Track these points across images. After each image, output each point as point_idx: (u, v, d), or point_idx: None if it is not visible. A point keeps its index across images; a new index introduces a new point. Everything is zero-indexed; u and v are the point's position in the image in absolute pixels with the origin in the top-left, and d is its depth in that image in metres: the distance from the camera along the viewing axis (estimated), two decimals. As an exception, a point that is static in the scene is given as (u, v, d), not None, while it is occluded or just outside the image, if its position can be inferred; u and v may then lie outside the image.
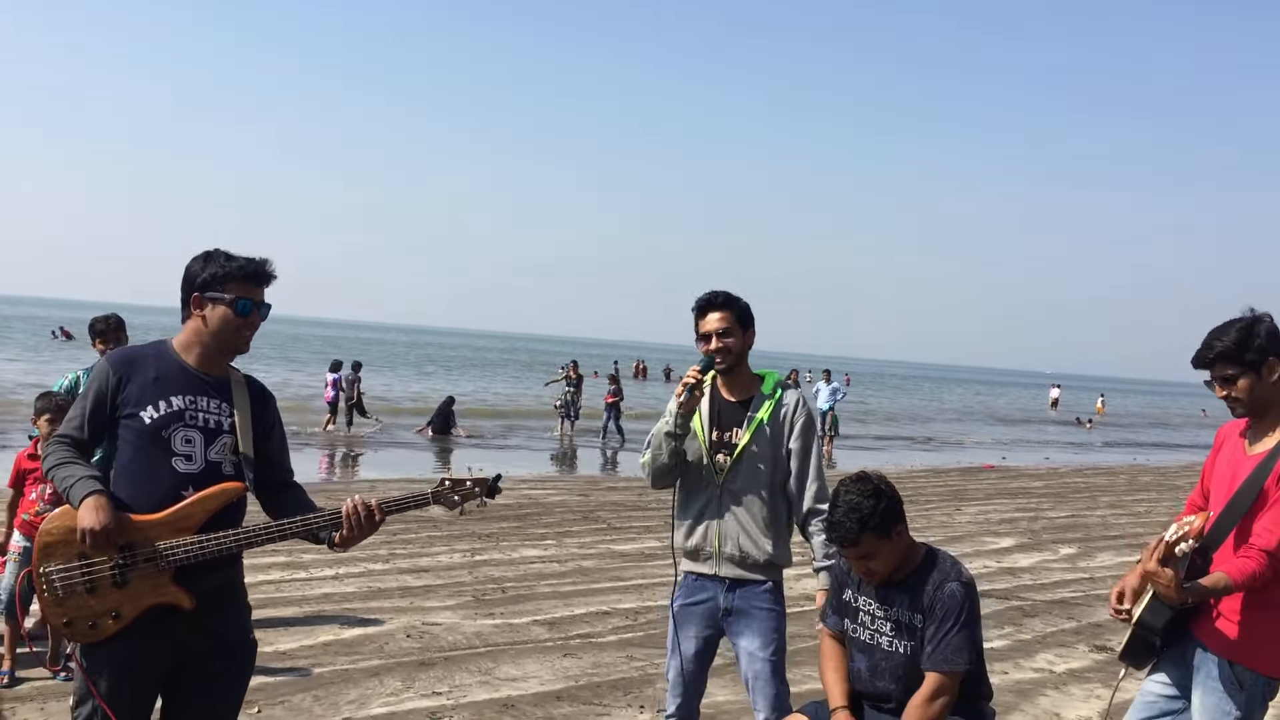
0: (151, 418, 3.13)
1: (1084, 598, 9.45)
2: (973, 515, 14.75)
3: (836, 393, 27.28)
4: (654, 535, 11.35)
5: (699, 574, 4.07)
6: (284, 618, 7.19)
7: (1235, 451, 3.58)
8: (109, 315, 6.50)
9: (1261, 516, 3.34)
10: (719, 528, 3.99)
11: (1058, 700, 6.33)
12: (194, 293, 3.21)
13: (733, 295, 4.07)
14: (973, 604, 3.41)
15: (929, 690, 3.34)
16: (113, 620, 3.05)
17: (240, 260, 3.23)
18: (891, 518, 3.40)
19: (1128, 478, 22.80)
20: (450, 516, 12.04)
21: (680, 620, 4.09)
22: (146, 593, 3.06)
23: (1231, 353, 3.42)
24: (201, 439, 3.17)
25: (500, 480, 3.50)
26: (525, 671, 6.30)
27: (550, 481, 16.52)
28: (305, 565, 8.92)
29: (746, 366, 4.10)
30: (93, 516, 2.97)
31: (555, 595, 8.40)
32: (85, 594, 3.05)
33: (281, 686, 5.77)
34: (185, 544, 3.07)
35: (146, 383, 3.16)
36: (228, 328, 3.21)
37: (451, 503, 3.36)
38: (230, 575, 3.28)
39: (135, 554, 3.05)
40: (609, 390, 25.19)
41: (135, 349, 3.31)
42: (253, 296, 3.23)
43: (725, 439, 4.02)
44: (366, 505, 3.19)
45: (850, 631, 3.59)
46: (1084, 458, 29.55)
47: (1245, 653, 3.38)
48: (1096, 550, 12.13)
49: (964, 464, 24.22)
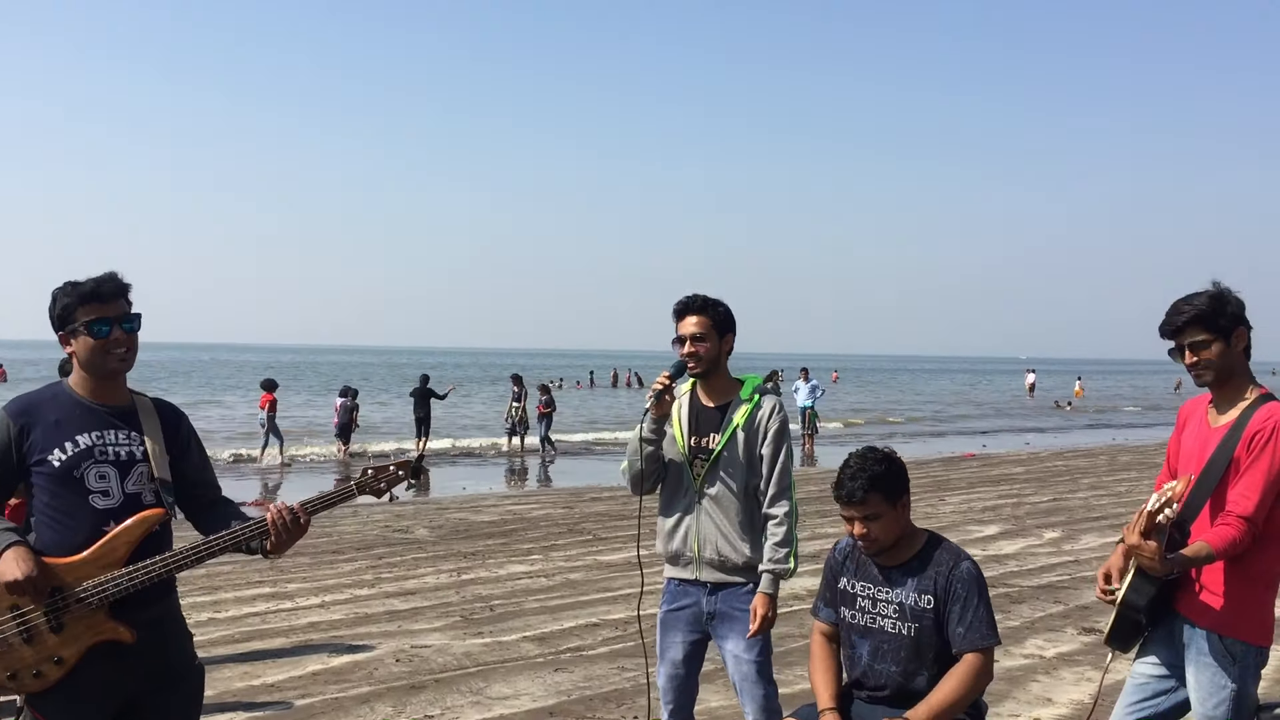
0: (60, 460, 3.09)
1: (1070, 581, 9.50)
2: (956, 505, 14.82)
3: (816, 390, 27.41)
4: (641, 545, 11.32)
5: (681, 579, 4.07)
6: (271, 649, 7.13)
7: (1200, 426, 3.61)
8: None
9: (1235, 484, 3.36)
10: (698, 532, 4.00)
11: (1049, 685, 6.35)
12: (59, 331, 3.18)
13: (711, 300, 4.06)
14: (984, 581, 3.47)
15: (971, 670, 3.35)
16: (55, 666, 3.03)
17: (83, 284, 3.16)
18: (900, 485, 3.46)
19: (1107, 458, 22.97)
20: (435, 537, 11.99)
21: (666, 627, 4.09)
22: (84, 633, 3.04)
23: (1205, 316, 3.43)
24: (116, 473, 3.14)
25: (423, 460, 3.50)
26: (517, 689, 6.26)
27: (533, 496, 16.48)
28: (290, 595, 8.84)
29: (725, 371, 4.10)
30: (14, 568, 2.93)
31: (544, 610, 8.37)
32: (24, 645, 3.01)
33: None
34: (114, 578, 3.05)
35: (49, 426, 3.12)
36: (94, 354, 3.15)
37: (378, 490, 3.34)
38: (166, 604, 3.25)
39: (66, 597, 3.02)
40: (540, 401, 24.44)
41: (33, 395, 3.26)
42: (106, 314, 3.15)
43: (702, 444, 4.02)
44: (290, 510, 3.17)
45: (848, 619, 3.60)
46: (1063, 441, 29.76)
47: (1233, 625, 3.40)
48: (1080, 533, 12.20)
49: (945, 454, 24.34)
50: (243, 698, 6.03)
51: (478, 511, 14.29)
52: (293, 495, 15.89)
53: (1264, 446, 3.34)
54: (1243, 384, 3.51)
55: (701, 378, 4.07)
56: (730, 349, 4.07)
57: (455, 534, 12.31)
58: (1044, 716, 5.78)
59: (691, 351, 3.99)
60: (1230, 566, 3.40)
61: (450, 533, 12.38)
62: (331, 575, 9.75)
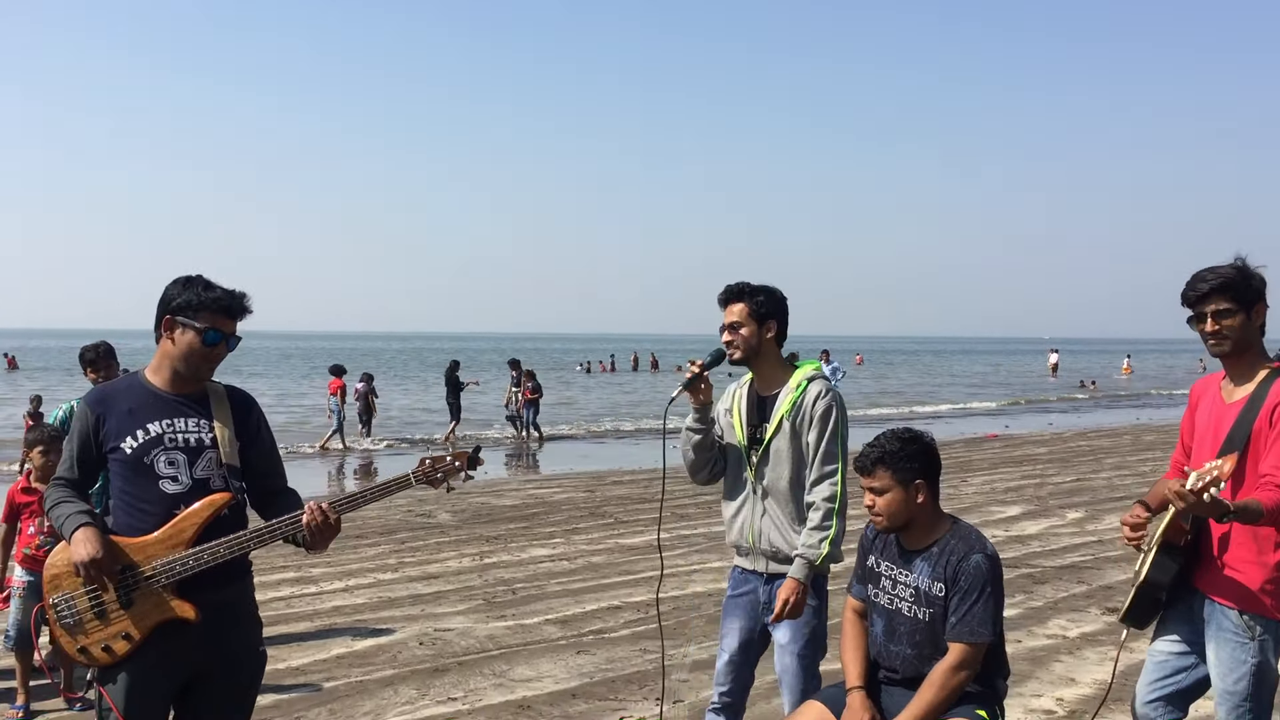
0: (131, 448, 3.22)
1: (1093, 561, 9.46)
2: (979, 486, 14.77)
3: (836, 373, 27.33)
4: (663, 527, 11.33)
5: (744, 569, 4.08)
6: (296, 633, 7.19)
7: (1214, 403, 3.59)
8: (98, 343, 6.47)
9: (1267, 455, 3.33)
10: (754, 523, 3.99)
11: (1071, 665, 6.33)
12: (166, 315, 3.27)
13: (754, 287, 4.02)
14: (996, 577, 3.42)
15: (953, 661, 3.36)
16: (124, 641, 3.16)
17: (218, 291, 3.29)
18: (914, 465, 3.43)
19: (1131, 438, 22.82)
20: (458, 521, 12.05)
21: (727, 612, 4.11)
22: (151, 611, 3.17)
23: (1232, 285, 3.42)
24: (185, 459, 3.25)
25: (480, 451, 3.52)
26: (539, 671, 6.29)
27: (555, 480, 16.52)
28: (315, 580, 8.91)
29: (774, 359, 4.05)
30: (83, 549, 3.10)
31: (566, 593, 8.40)
32: (95, 620, 3.17)
33: (296, 702, 5.77)
34: (180, 558, 3.17)
35: (122, 415, 3.25)
36: (193, 355, 3.27)
37: (435, 480, 3.38)
38: (239, 589, 3.36)
39: (135, 575, 3.16)
40: (527, 387, 24.23)
41: (110, 385, 3.42)
42: (223, 328, 3.28)
43: (757, 434, 4.01)
44: (320, 508, 3.24)
45: (872, 596, 3.62)
46: (1087, 420, 29.59)
47: (1253, 600, 3.39)
48: (1104, 513, 12.16)
49: (968, 435, 24.25)
50: (269, 680, 6.03)
51: (499, 496, 14.35)
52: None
53: None
54: (1256, 359, 3.51)
55: (746, 364, 4.06)
56: (774, 335, 4.01)
57: (477, 518, 12.36)
58: (1067, 696, 5.76)
59: (729, 340, 3.99)
60: (1248, 541, 3.39)
61: (472, 517, 12.44)
62: (355, 560, 9.82)
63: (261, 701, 5.70)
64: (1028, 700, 5.69)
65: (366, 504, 3.38)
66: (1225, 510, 3.14)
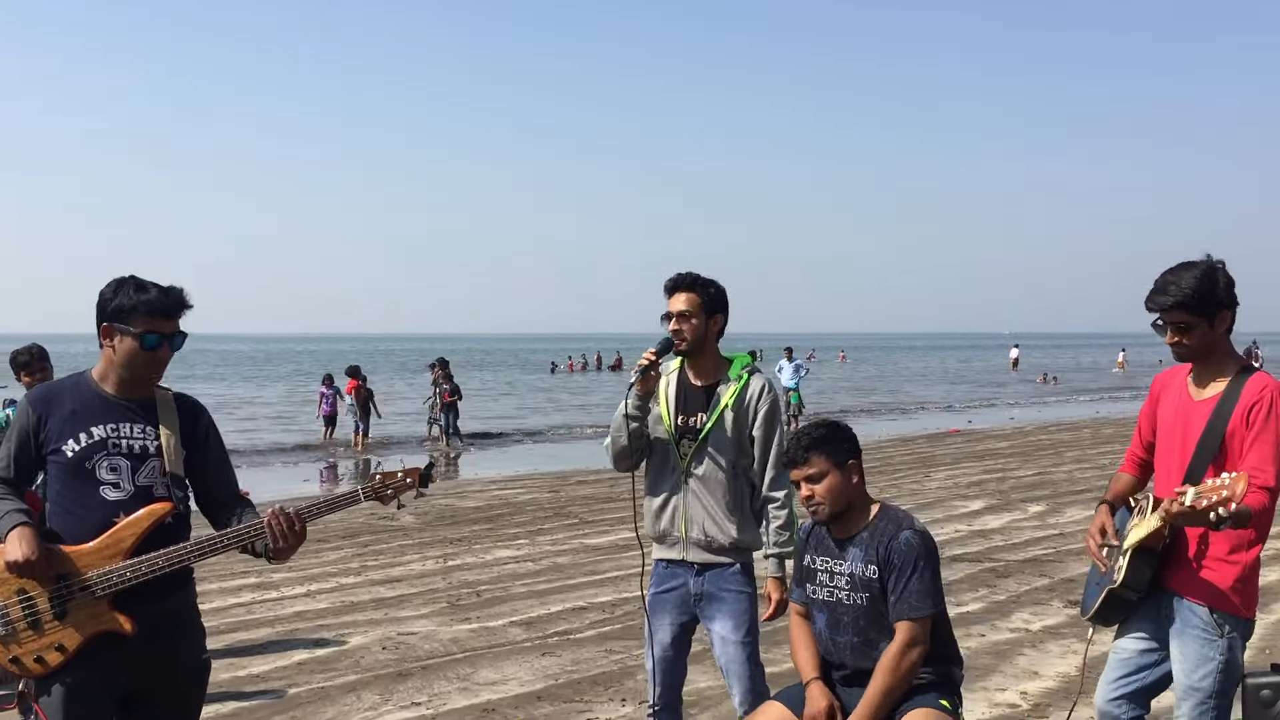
0: (73, 450, 3.13)
1: (1055, 554, 9.54)
2: (941, 480, 14.87)
3: (800, 370, 27.37)
4: (627, 527, 11.32)
5: (669, 560, 4.06)
6: (257, 640, 7.09)
7: (1180, 399, 3.57)
8: (30, 346, 6.28)
9: (1247, 457, 3.33)
10: (685, 512, 3.98)
11: (1035, 659, 6.38)
12: (104, 323, 3.17)
13: (703, 278, 4.01)
14: (929, 550, 3.43)
15: (902, 640, 3.36)
16: (57, 653, 3.07)
17: (151, 292, 3.16)
18: (844, 448, 3.48)
19: (1091, 431, 23.09)
20: (421, 523, 11.96)
21: (654, 609, 4.08)
22: (86, 622, 3.07)
23: (1190, 302, 3.38)
24: (128, 465, 3.16)
25: (433, 469, 3.47)
26: (504, 674, 6.25)
27: (519, 480, 16.45)
28: (276, 585, 8.80)
29: (713, 350, 4.06)
30: (17, 549, 3.00)
31: (531, 595, 8.35)
32: (29, 630, 3.07)
33: (257, 710, 5.68)
34: (118, 569, 3.08)
35: (65, 416, 3.16)
36: (135, 360, 3.17)
37: (386, 497, 3.32)
38: (180, 598, 3.26)
39: (70, 584, 3.06)
40: (445, 390, 23.25)
41: (54, 384, 3.32)
42: (161, 330, 3.17)
43: (689, 423, 4.00)
44: (286, 515, 3.17)
45: (811, 594, 3.61)
46: (1047, 414, 29.90)
47: (1223, 598, 3.40)
48: (1065, 506, 12.24)
49: (930, 430, 24.42)
50: (230, 688, 6.00)
51: (463, 497, 14.27)
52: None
53: (1266, 417, 3.33)
54: (1225, 358, 3.49)
55: (688, 356, 4.04)
56: (720, 329, 4.03)
57: (441, 520, 12.28)
58: (1031, 689, 5.80)
59: (677, 329, 3.96)
60: (1222, 540, 3.39)
61: (436, 519, 12.35)
62: (317, 564, 9.71)
63: (222, 710, 5.65)
64: (992, 694, 5.72)
65: (312, 520, 3.28)
66: (1222, 520, 3.14)
